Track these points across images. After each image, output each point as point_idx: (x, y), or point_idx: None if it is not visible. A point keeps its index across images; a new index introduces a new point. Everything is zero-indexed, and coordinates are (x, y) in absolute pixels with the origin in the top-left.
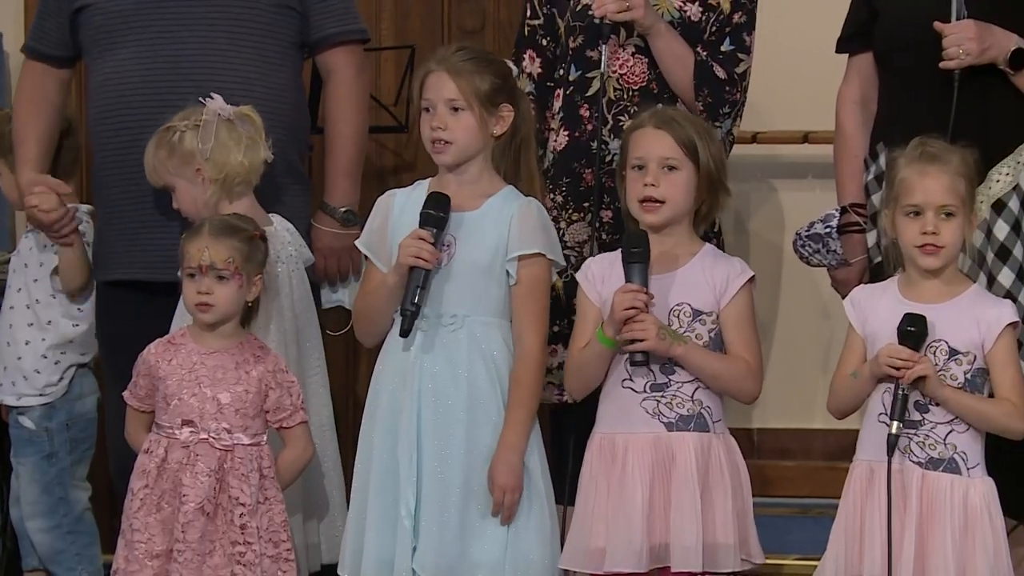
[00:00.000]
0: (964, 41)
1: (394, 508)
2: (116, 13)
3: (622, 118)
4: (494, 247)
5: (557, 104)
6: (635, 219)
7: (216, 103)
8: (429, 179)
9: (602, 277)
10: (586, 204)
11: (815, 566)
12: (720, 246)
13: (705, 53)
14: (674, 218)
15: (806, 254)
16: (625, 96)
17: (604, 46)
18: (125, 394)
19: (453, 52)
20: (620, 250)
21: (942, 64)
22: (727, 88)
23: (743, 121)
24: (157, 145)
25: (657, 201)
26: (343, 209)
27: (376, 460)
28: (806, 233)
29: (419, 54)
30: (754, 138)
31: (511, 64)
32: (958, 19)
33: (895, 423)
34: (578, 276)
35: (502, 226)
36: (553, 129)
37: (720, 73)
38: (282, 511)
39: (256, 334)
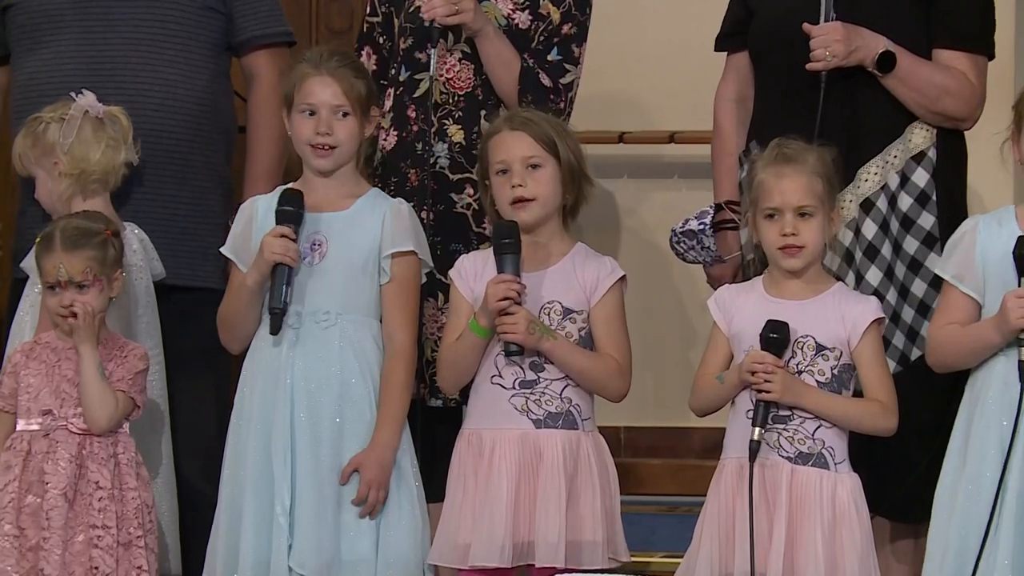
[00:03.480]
0: (831, 43)
1: (271, 508)
2: (40, 12)
3: (447, 122)
4: (368, 246)
5: (388, 103)
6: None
7: (86, 99)
8: (290, 184)
9: (475, 274)
10: (412, 204)
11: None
12: None
13: (532, 61)
14: (546, 214)
15: (681, 250)
16: (451, 100)
17: (433, 50)
18: None
19: (329, 57)
20: (492, 246)
21: (808, 65)
22: (551, 97)
23: (610, 120)
24: (24, 134)
25: (527, 199)
26: None
27: (251, 461)
28: (681, 230)
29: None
30: (620, 138)
31: None
32: (827, 20)
33: (756, 429)
34: (451, 273)
35: (375, 225)
36: (384, 128)
37: (546, 81)
38: (135, 497)
39: None
